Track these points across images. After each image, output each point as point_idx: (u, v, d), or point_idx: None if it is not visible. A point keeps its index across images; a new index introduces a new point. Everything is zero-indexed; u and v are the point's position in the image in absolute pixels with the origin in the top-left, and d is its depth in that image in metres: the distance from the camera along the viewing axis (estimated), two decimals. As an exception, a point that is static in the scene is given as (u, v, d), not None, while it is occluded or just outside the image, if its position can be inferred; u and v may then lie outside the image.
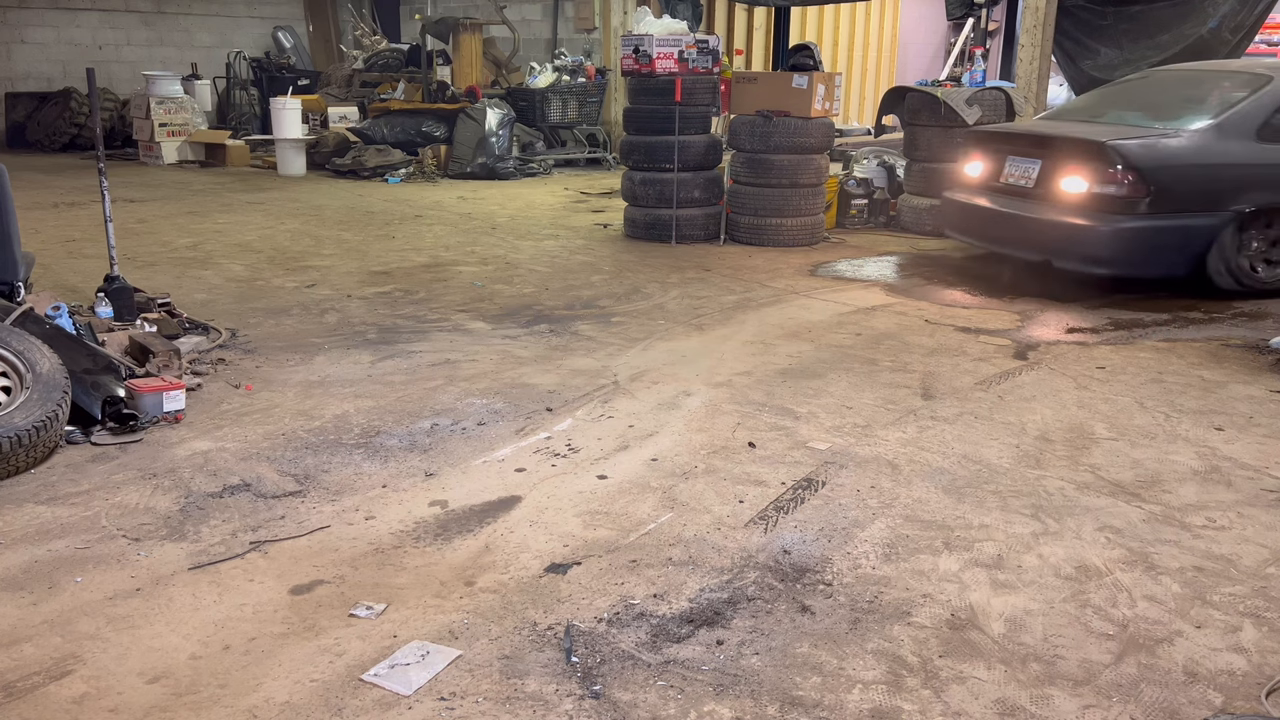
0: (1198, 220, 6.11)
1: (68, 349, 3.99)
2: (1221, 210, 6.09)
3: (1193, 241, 6.13)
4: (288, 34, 17.42)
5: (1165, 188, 5.99)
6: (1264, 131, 6.18)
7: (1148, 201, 5.96)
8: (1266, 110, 6.25)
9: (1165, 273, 6.31)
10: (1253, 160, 6.16)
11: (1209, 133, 6.20)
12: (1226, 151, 6.16)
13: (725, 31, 15.05)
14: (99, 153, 5.11)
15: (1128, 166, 5.97)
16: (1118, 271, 6.28)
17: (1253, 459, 3.82)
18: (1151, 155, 6.08)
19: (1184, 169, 6.11)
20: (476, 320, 5.59)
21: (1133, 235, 6.04)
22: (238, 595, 2.76)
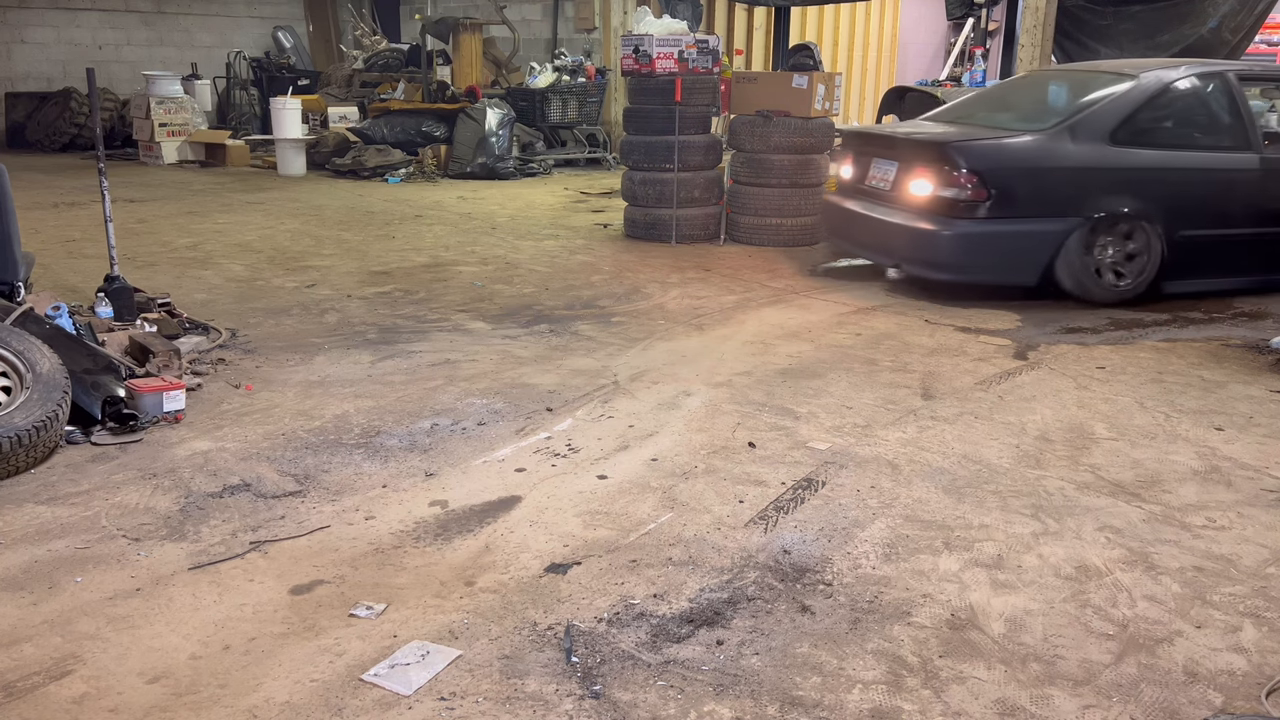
0: (1043, 226, 5.89)
1: (68, 349, 3.99)
2: (1069, 216, 5.87)
3: (1038, 248, 5.92)
4: (288, 34, 17.42)
5: (1007, 191, 5.83)
6: (1118, 135, 5.96)
7: (988, 205, 5.79)
8: (1121, 113, 6.02)
9: (1012, 279, 6.08)
10: (1104, 164, 5.94)
11: (1057, 136, 5.97)
12: (1075, 155, 5.91)
13: (725, 31, 15.05)
14: (99, 153, 5.11)
15: (968, 169, 5.80)
16: (962, 277, 6.07)
17: (1253, 459, 3.83)
18: (992, 158, 5.91)
19: (1028, 172, 5.92)
20: (476, 320, 5.60)
21: (975, 240, 5.89)
22: (238, 595, 2.76)
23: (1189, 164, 6.08)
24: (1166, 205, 5.96)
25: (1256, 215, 6.17)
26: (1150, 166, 5.99)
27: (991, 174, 5.83)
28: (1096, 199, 5.90)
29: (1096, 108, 6.07)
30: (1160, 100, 6.14)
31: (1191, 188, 6.06)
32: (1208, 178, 6.10)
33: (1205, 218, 6.09)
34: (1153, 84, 6.13)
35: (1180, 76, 6.22)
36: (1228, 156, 6.14)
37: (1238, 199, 6.14)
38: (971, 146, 5.98)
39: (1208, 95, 6.28)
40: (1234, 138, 6.19)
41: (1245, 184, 6.12)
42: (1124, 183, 5.96)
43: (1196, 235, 6.08)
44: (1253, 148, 6.13)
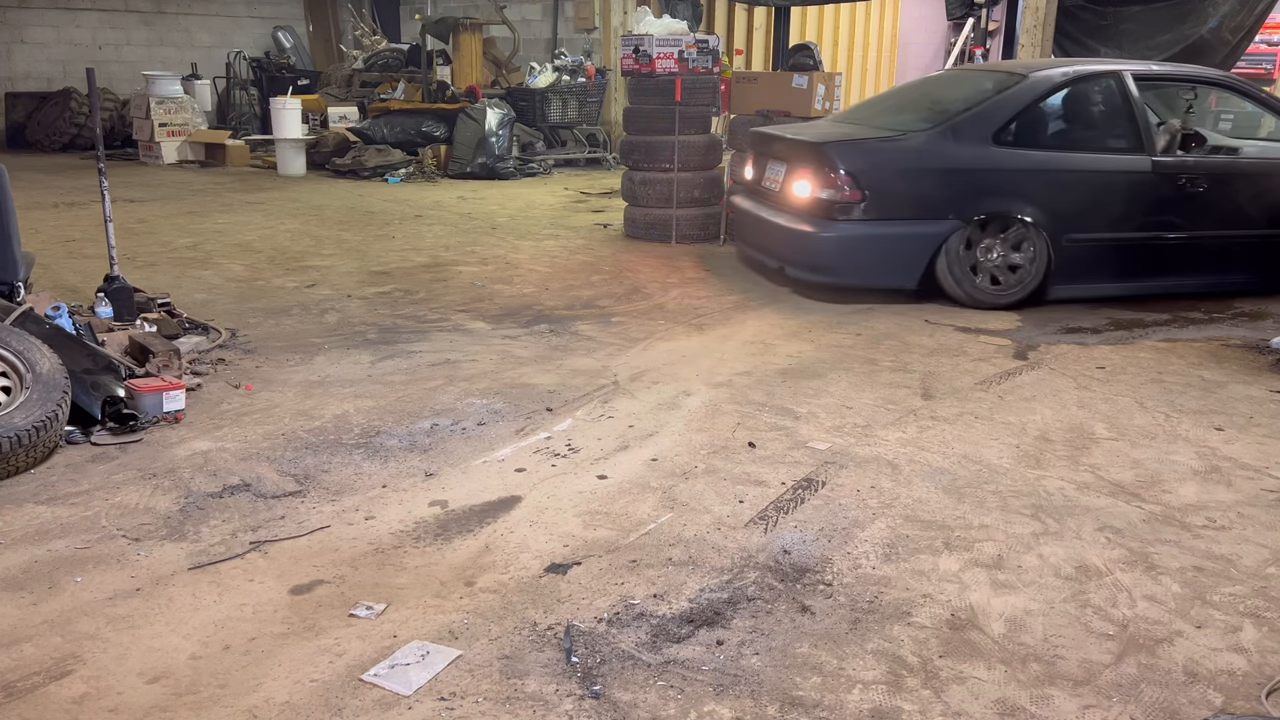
0: (921, 228, 5.79)
1: (68, 349, 3.99)
2: (947, 218, 5.76)
3: (916, 250, 5.81)
4: (288, 34, 17.42)
5: (883, 193, 5.74)
6: (1002, 136, 5.84)
7: (863, 207, 5.71)
8: (1005, 114, 5.89)
9: (891, 282, 5.99)
10: (985, 166, 5.82)
11: (937, 137, 5.86)
12: (955, 156, 5.80)
13: (725, 31, 15.05)
14: (99, 153, 5.11)
15: (843, 170, 5.71)
16: (842, 280, 6.00)
17: (1253, 459, 3.83)
18: (867, 159, 5.82)
19: (905, 174, 5.81)
20: (476, 320, 5.59)
21: (851, 242, 5.80)
22: (238, 595, 2.76)
23: (1076, 166, 5.93)
24: (1052, 208, 5.83)
25: (1148, 220, 6.02)
26: (1035, 168, 5.86)
27: (867, 175, 5.73)
28: (977, 201, 5.79)
29: (980, 108, 5.96)
30: (1048, 101, 6.04)
31: (1078, 191, 5.91)
32: (1096, 180, 5.94)
33: (1093, 221, 5.94)
34: (1039, 85, 6.02)
35: (1070, 77, 6.11)
36: (1118, 159, 5.99)
37: (1128, 203, 5.98)
38: (847, 147, 5.87)
39: (1099, 96, 6.16)
40: (1125, 140, 6.04)
41: (1136, 187, 5.96)
42: (1007, 185, 5.83)
43: (1084, 239, 5.95)
44: (1145, 150, 5.98)
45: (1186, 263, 6.18)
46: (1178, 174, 6.01)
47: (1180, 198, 6.01)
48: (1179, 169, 6.04)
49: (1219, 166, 6.18)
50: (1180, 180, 5.99)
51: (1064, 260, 5.93)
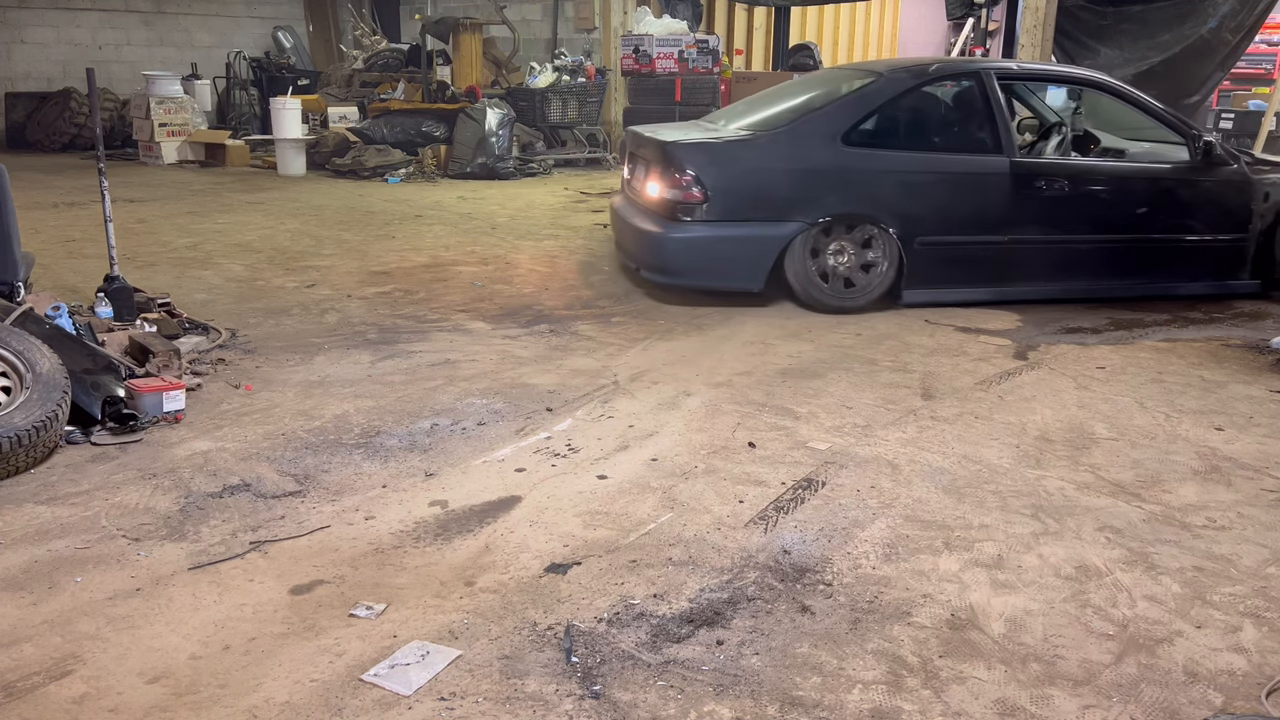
0: (765, 230, 5.65)
1: (68, 349, 3.99)
2: (792, 220, 5.62)
3: (760, 252, 5.67)
4: (288, 34, 17.42)
5: (725, 193, 5.62)
6: (852, 136, 5.71)
7: (705, 208, 5.60)
8: (856, 114, 5.78)
9: (736, 285, 5.82)
10: (833, 167, 5.68)
11: (784, 137, 5.75)
12: (801, 157, 5.68)
13: (725, 31, 15.04)
14: (99, 153, 5.11)
15: (685, 170, 5.62)
16: (688, 282, 5.89)
17: (1253, 459, 3.83)
18: (711, 160, 5.70)
19: (748, 174, 5.67)
20: (476, 320, 5.59)
21: (695, 244, 5.69)
22: (238, 595, 2.76)
23: (928, 167, 5.80)
24: (903, 210, 5.70)
25: (1007, 223, 5.86)
26: (885, 170, 5.72)
27: (710, 176, 5.62)
28: (823, 203, 5.64)
29: (829, 108, 5.87)
30: (902, 101, 5.92)
31: (931, 192, 5.76)
32: (950, 182, 5.79)
33: (948, 224, 5.79)
34: (893, 84, 5.92)
35: (926, 77, 6.00)
36: (973, 159, 5.85)
37: (985, 205, 5.82)
38: (690, 148, 5.77)
39: (957, 96, 6.06)
40: (983, 140, 5.89)
41: (993, 189, 5.80)
42: (855, 186, 5.69)
43: (938, 242, 5.79)
44: (1003, 151, 5.82)
45: (1052, 268, 6.03)
46: (1037, 176, 5.84)
47: (1042, 201, 5.84)
48: (1039, 171, 5.86)
49: (1082, 169, 6.02)
50: (1039, 183, 5.82)
51: (917, 264, 5.78)
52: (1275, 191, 6.19)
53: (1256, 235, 6.19)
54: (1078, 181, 5.92)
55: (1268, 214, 6.17)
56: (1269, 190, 6.18)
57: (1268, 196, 6.17)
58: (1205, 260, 6.23)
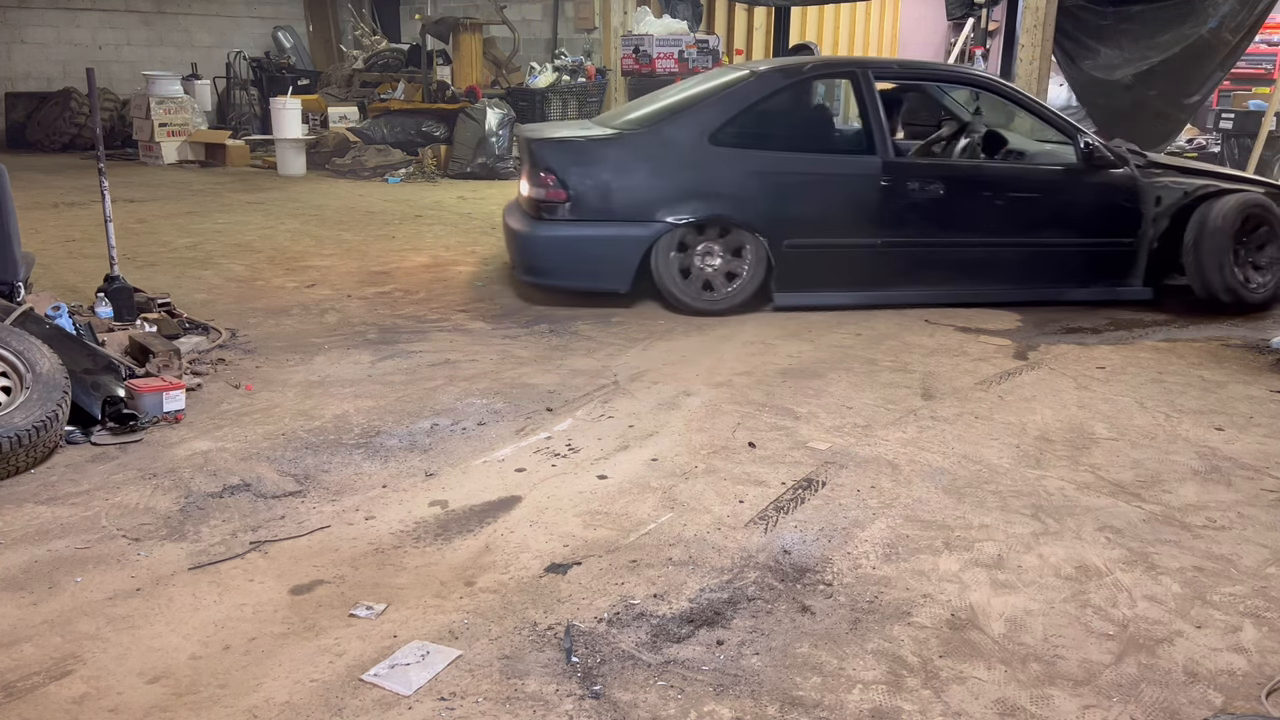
0: (627, 230, 5.53)
1: (68, 349, 3.99)
2: (655, 220, 5.50)
3: (623, 253, 5.54)
4: (288, 34, 17.41)
5: (588, 193, 5.53)
6: (720, 136, 5.59)
7: (568, 207, 5.52)
8: (725, 113, 5.64)
9: (602, 285, 5.73)
10: (699, 166, 5.56)
11: (649, 135, 5.67)
12: (666, 156, 5.59)
13: (725, 31, 15.03)
14: (99, 153, 5.11)
15: (546, 169, 5.55)
16: (555, 282, 5.83)
17: (1253, 459, 3.83)
18: (572, 158, 5.63)
19: (611, 174, 5.58)
20: (476, 320, 5.59)
21: (559, 243, 5.62)
22: (238, 595, 2.76)
23: (798, 168, 5.67)
24: (771, 212, 5.58)
25: (880, 225, 5.71)
26: (753, 170, 5.60)
27: (571, 174, 5.53)
28: (688, 204, 5.52)
29: (698, 106, 5.75)
30: (773, 100, 5.80)
31: (801, 194, 5.65)
32: (820, 183, 5.68)
33: (818, 226, 5.67)
34: (764, 82, 5.81)
35: (800, 76, 5.93)
36: (845, 160, 5.76)
37: (857, 207, 5.68)
38: (551, 145, 5.71)
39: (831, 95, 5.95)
40: (856, 140, 5.78)
41: (865, 191, 5.66)
42: (722, 187, 5.56)
43: (808, 245, 5.67)
44: (877, 151, 5.67)
45: (929, 272, 5.88)
46: (910, 177, 5.70)
47: (916, 203, 5.70)
48: (912, 172, 5.74)
49: (958, 170, 5.92)
50: (912, 184, 5.68)
51: (786, 266, 5.66)
52: (1169, 195, 5.94)
53: (1150, 240, 5.96)
54: (954, 183, 5.77)
55: (1161, 219, 5.93)
56: (1161, 194, 5.93)
57: (1160, 200, 5.93)
58: (1092, 265, 6.03)
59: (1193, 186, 5.99)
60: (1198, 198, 5.94)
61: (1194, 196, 5.95)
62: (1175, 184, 5.97)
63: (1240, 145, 10.40)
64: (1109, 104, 10.45)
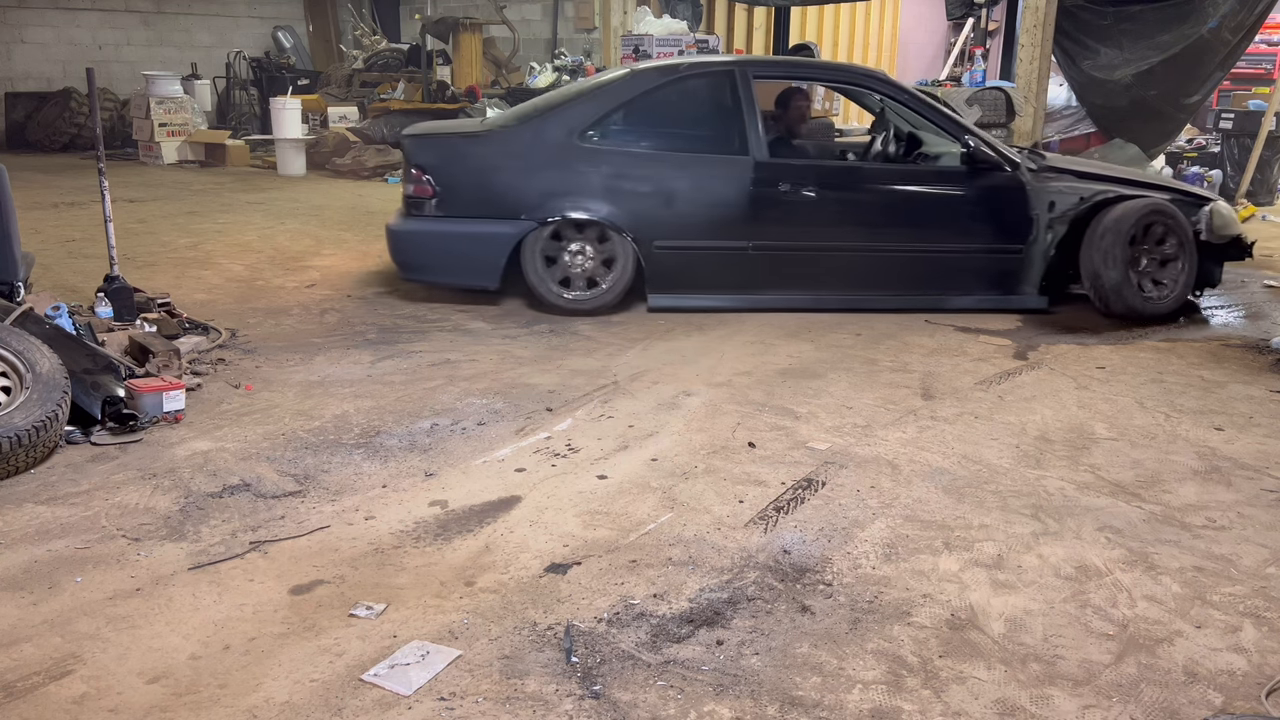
0: (495, 228, 5.51)
1: (68, 349, 3.99)
2: (523, 218, 5.49)
3: (491, 250, 5.52)
4: (288, 34, 17.41)
5: (455, 189, 5.55)
6: (589, 134, 5.59)
7: (435, 203, 5.55)
8: (596, 111, 5.63)
9: (471, 282, 5.77)
10: (567, 165, 5.52)
11: (519, 132, 5.67)
12: (534, 154, 5.55)
13: (725, 31, 15.03)
14: (99, 153, 5.11)
15: (416, 164, 5.59)
16: (426, 278, 5.86)
17: (1253, 459, 3.82)
18: (440, 154, 5.64)
19: (479, 171, 5.59)
20: (476, 320, 5.59)
21: (427, 238, 5.64)
22: (238, 595, 2.76)
23: (666, 167, 5.60)
24: (640, 212, 5.52)
25: (750, 227, 5.59)
26: (621, 170, 5.55)
27: (439, 170, 5.55)
28: (555, 202, 5.48)
29: (571, 104, 5.73)
30: (646, 98, 5.71)
31: (671, 194, 5.56)
32: (691, 184, 5.59)
33: (688, 228, 5.58)
34: (638, 81, 5.76)
35: (675, 75, 5.80)
36: (717, 160, 5.63)
37: (729, 208, 5.57)
38: (419, 141, 5.75)
39: (706, 94, 5.81)
40: (729, 141, 5.65)
41: (737, 192, 5.56)
42: (590, 186, 5.51)
43: (678, 246, 5.59)
44: (750, 152, 5.57)
45: (804, 276, 5.74)
46: (783, 179, 5.58)
47: (790, 205, 5.58)
48: (786, 173, 5.61)
49: (834, 172, 5.78)
50: (785, 185, 5.56)
51: (657, 268, 5.59)
52: (1064, 200, 5.68)
53: (1046, 247, 5.71)
54: (829, 185, 5.64)
55: (1058, 224, 5.68)
56: (1055, 199, 5.68)
57: (1053, 206, 5.68)
58: (978, 273, 5.81)
59: (1089, 192, 5.70)
60: (1097, 203, 5.68)
61: (1091, 202, 5.67)
62: (1070, 189, 5.70)
63: (1240, 145, 10.39)
64: (1109, 104, 10.45)
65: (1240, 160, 10.36)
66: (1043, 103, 9.43)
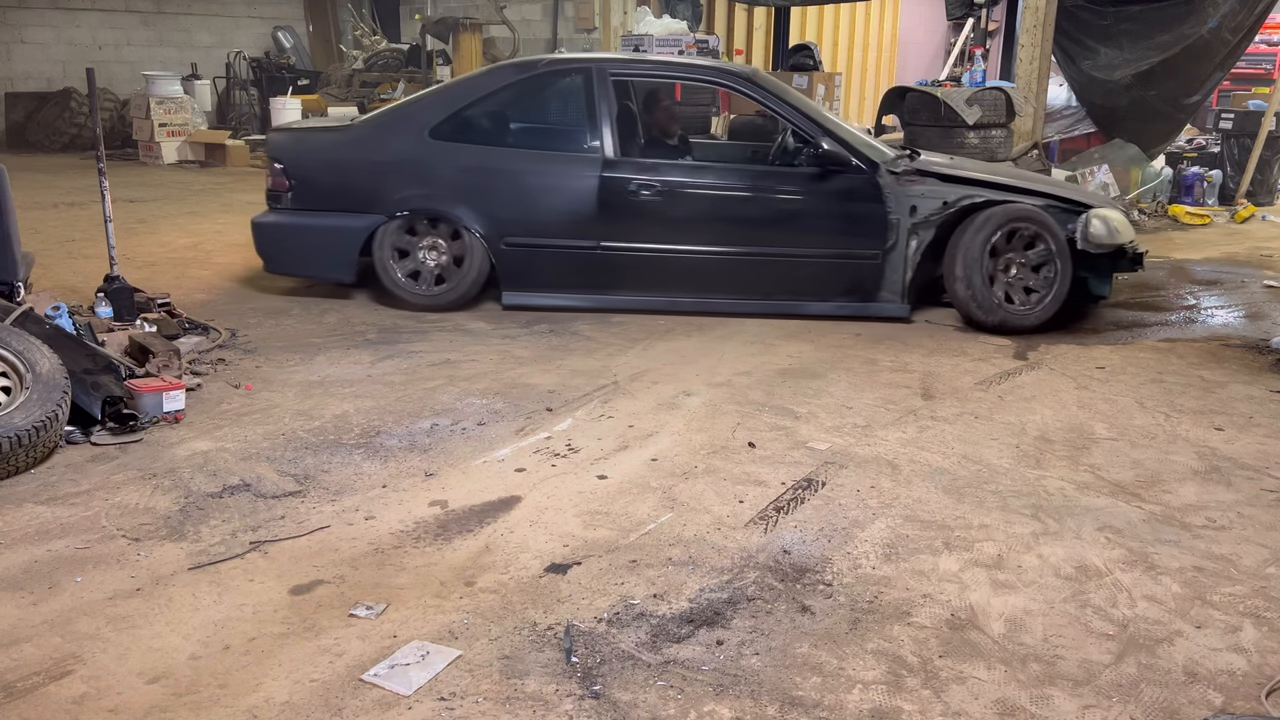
0: (346, 221, 5.59)
1: (68, 349, 3.98)
2: (373, 212, 5.54)
3: (343, 243, 5.61)
4: (288, 34, 17.41)
5: (308, 183, 5.65)
6: (441, 130, 5.60)
7: (290, 195, 5.66)
8: (449, 107, 5.66)
9: (326, 275, 5.86)
10: (417, 160, 5.56)
11: (372, 129, 5.78)
12: (385, 149, 5.62)
13: (725, 31, 15.03)
14: (99, 153, 5.11)
15: (274, 158, 5.72)
16: (284, 270, 5.95)
17: (1253, 459, 3.82)
18: (296, 148, 5.78)
19: (332, 165, 5.70)
20: (476, 320, 5.59)
21: (281, 231, 5.75)
22: (238, 595, 2.76)
23: (515, 164, 5.58)
24: (489, 209, 5.51)
25: (598, 226, 5.51)
26: (470, 165, 5.56)
27: (294, 164, 5.68)
28: (404, 197, 5.53)
29: (426, 100, 5.84)
30: (500, 95, 5.74)
31: (519, 192, 5.55)
32: (539, 181, 5.56)
33: (536, 225, 5.55)
34: (493, 77, 5.83)
35: (532, 71, 5.81)
36: (565, 158, 5.60)
37: (577, 207, 5.51)
38: (281, 135, 5.93)
39: (561, 92, 5.83)
40: (580, 139, 5.63)
41: (585, 191, 5.50)
42: (438, 181, 5.54)
43: (527, 244, 5.56)
44: (600, 151, 5.53)
45: (653, 278, 5.63)
46: (631, 179, 5.49)
47: (638, 205, 5.48)
48: (633, 173, 5.50)
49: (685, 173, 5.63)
50: (632, 186, 5.47)
51: (508, 265, 5.59)
52: (926, 204, 5.41)
53: (910, 253, 5.45)
54: (678, 186, 5.53)
55: (923, 229, 5.41)
56: (917, 203, 5.41)
57: (915, 210, 5.40)
58: (834, 278, 5.58)
59: (954, 196, 5.41)
60: (964, 208, 5.41)
61: (957, 207, 5.40)
62: (933, 192, 5.42)
63: (1240, 145, 10.39)
64: (1109, 104, 10.46)
65: (1240, 160, 10.36)
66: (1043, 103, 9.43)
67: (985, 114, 8.23)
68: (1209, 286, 6.84)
